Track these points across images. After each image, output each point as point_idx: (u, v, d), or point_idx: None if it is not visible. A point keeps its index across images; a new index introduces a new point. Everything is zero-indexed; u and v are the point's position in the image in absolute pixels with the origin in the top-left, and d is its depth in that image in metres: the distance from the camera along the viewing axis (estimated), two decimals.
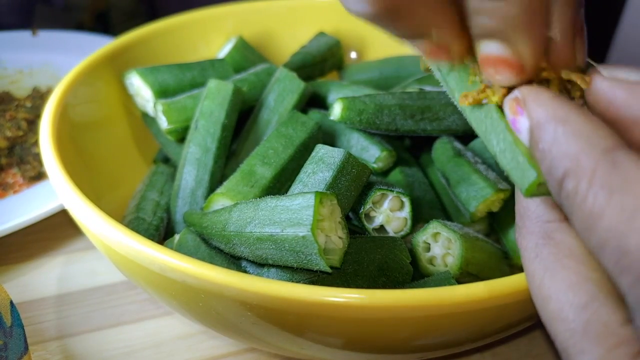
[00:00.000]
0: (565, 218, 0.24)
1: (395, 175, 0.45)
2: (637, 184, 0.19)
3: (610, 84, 0.23)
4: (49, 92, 0.65)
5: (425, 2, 0.24)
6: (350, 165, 0.38)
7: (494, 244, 0.40)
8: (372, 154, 0.44)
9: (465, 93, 0.27)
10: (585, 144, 0.21)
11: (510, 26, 0.23)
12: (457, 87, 0.28)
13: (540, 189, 0.23)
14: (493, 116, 0.25)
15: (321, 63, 0.58)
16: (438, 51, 0.26)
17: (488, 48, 0.25)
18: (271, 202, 0.35)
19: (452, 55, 0.26)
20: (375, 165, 0.44)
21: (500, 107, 0.25)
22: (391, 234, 0.40)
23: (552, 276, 0.23)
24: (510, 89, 0.25)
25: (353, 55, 0.64)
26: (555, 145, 0.22)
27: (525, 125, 0.23)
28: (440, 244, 0.38)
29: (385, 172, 0.45)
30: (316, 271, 0.34)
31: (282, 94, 0.48)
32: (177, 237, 0.40)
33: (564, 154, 0.21)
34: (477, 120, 0.27)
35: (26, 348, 0.35)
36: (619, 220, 0.19)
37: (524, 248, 0.26)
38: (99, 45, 0.53)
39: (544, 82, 0.25)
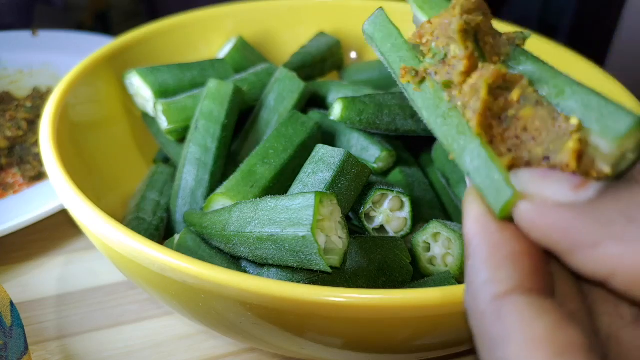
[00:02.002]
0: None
1: (395, 175, 0.45)
2: (513, 345, 0.19)
3: (538, 214, 0.21)
4: (49, 92, 0.65)
5: None
6: (350, 165, 0.38)
7: None
8: (372, 154, 0.44)
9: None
10: (482, 282, 0.21)
11: None
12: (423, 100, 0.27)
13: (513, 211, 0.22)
14: (467, 133, 0.24)
15: (321, 63, 0.58)
16: None
17: None
18: (271, 202, 0.35)
19: None
20: (375, 165, 0.44)
21: (473, 125, 0.24)
22: (391, 234, 0.40)
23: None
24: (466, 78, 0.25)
25: (353, 55, 0.64)
26: (466, 272, 0.22)
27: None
28: (440, 244, 0.38)
29: (385, 172, 0.45)
30: (316, 271, 0.34)
31: (282, 94, 0.48)
32: (177, 237, 0.41)
33: (467, 287, 0.22)
34: (448, 138, 0.25)
35: (26, 348, 0.35)
36: None
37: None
38: (99, 45, 0.53)
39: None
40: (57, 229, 0.53)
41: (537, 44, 0.52)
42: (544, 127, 0.23)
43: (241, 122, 0.49)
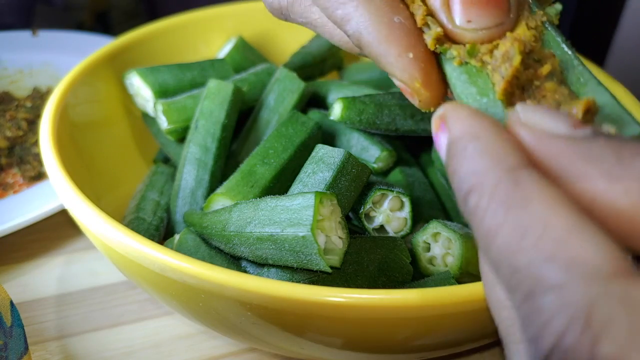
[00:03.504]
0: None
1: (395, 175, 0.45)
2: (535, 203, 0.19)
3: (534, 139, 0.21)
4: (49, 92, 0.65)
5: None
6: (350, 165, 0.38)
7: None
8: (372, 154, 0.44)
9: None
10: (491, 161, 0.21)
11: None
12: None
13: None
14: (489, 96, 0.25)
15: (321, 63, 0.58)
16: None
17: None
18: (271, 202, 0.35)
19: None
20: (375, 165, 0.44)
21: (498, 89, 0.25)
22: (391, 234, 0.40)
23: None
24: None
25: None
26: (465, 161, 0.22)
27: (445, 142, 0.23)
28: (440, 244, 0.38)
29: (385, 172, 0.45)
30: (316, 271, 0.34)
31: (282, 94, 0.48)
32: (177, 237, 0.41)
33: (471, 171, 0.21)
34: (468, 97, 0.26)
35: (26, 348, 0.35)
36: (511, 237, 0.19)
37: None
38: (99, 45, 0.53)
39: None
40: (57, 229, 0.53)
41: None
42: (562, 101, 0.24)
43: (241, 122, 0.49)
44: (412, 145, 0.50)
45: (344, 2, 0.26)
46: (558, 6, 0.27)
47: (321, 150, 0.39)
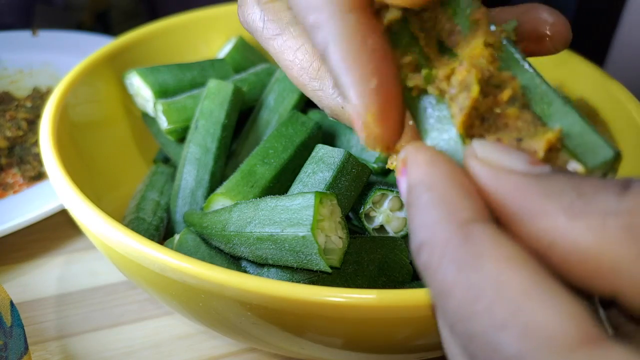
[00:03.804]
0: None
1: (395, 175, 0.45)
2: (487, 262, 0.18)
3: (491, 176, 0.20)
4: (49, 92, 0.65)
5: None
6: (350, 165, 0.38)
7: None
8: (372, 154, 0.44)
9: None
10: (443, 213, 0.19)
11: None
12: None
13: None
14: (450, 131, 0.23)
15: None
16: None
17: None
18: (271, 202, 0.35)
19: None
20: (375, 165, 0.44)
21: (457, 122, 0.23)
22: (391, 234, 0.40)
23: None
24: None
25: None
26: (418, 212, 0.20)
27: (405, 187, 0.22)
28: None
29: (385, 172, 0.45)
30: (316, 271, 0.34)
31: (282, 94, 0.48)
32: (177, 237, 0.41)
33: (423, 223, 0.20)
34: (430, 134, 0.24)
35: (26, 348, 0.35)
36: (465, 300, 0.18)
37: None
38: (99, 45, 0.52)
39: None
40: (57, 229, 0.53)
41: None
42: (525, 128, 0.23)
43: (241, 122, 0.49)
44: None
45: (319, 8, 0.24)
46: (513, 22, 0.25)
47: (321, 150, 0.39)
